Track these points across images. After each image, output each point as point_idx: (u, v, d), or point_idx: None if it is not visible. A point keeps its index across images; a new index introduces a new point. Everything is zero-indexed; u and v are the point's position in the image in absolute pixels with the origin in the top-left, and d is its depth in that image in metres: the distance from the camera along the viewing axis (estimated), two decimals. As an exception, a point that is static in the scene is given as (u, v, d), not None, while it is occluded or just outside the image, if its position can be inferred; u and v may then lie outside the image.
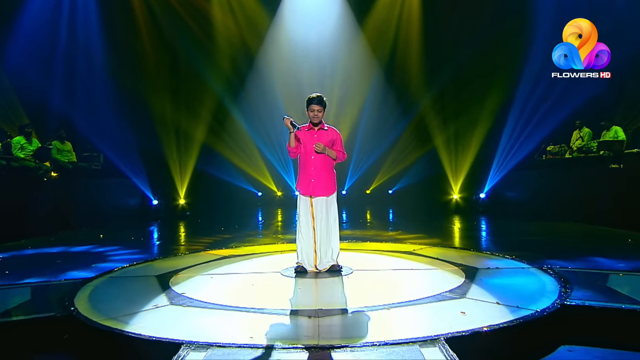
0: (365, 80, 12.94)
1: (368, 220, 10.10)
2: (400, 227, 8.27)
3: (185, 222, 9.84)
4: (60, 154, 8.95)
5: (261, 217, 11.40)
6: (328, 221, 4.15)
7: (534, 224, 7.99)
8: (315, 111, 3.95)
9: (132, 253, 5.60)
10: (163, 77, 11.51)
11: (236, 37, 12.33)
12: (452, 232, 7.66)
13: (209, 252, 5.42)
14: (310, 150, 4.06)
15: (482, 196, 10.76)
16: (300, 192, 4.15)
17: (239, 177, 13.45)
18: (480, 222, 9.02)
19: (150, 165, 10.56)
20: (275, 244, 5.95)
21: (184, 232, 8.31)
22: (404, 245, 5.71)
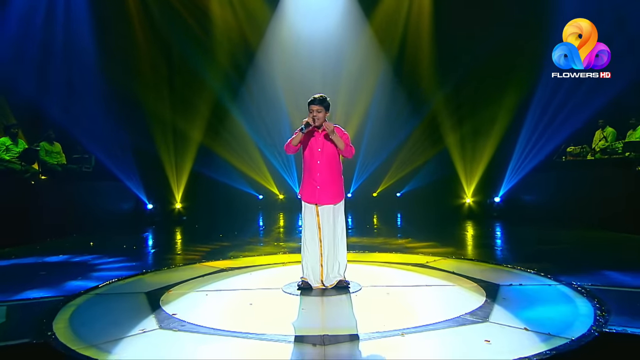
0: (373, 76, 12.82)
1: (375, 225, 10.00)
2: (410, 233, 8.13)
3: (181, 228, 9.74)
4: (49, 155, 8.80)
5: (262, 221, 11.29)
6: (335, 232, 3.98)
7: (554, 230, 7.81)
8: (315, 112, 3.80)
9: (122, 263, 5.49)
10: (158, 74, 11.35)
11: (235, 31, 12.20)
12: (465, 239, 7.54)
13: (204, 264, 5.26)
14: (315, 155, 3.91)
15: (497, 200, 10.56)
16: (305, 199, 3.98)
17: (238, 179, 13.39)
18: (495, 228, 8.88)
19: (144, 167, 10.42)
20: (277, 254, 5.83)
21: (179, 239, 8.22)
22: (416, 256, 5.54)
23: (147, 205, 10.37)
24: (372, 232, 8.36)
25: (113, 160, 9.60)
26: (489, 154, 10.91)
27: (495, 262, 5.13)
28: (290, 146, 3.85)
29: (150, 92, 10.98)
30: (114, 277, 4.63)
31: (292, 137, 3.86)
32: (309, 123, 3.73)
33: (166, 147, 11.32)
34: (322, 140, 3.91)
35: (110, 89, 9.87)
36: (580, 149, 9.16)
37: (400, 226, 10.01)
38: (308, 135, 3.94)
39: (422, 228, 9.17)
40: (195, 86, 11.89)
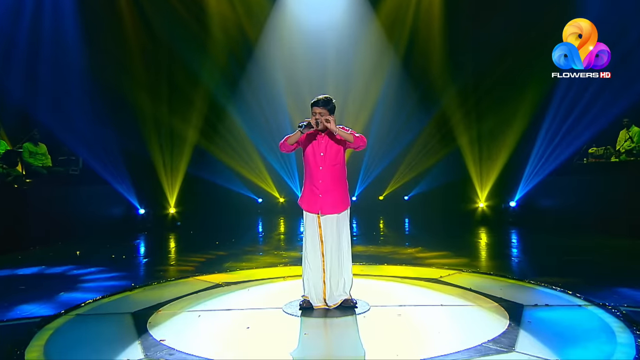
0: (380, 72, 12.66)
1: (382, 231, 9.91)
2: (420, 241, 8.00)
3: (175, 235, 9.68)
4: (33, 157, 8.67)
5: (261, 227, 11.18)
6: (340, 244, 3.82)
7: (576, 239, 7.64)
8: (318, 114, 3.65)
9: (110, 276, 5.38)
10: (150, 71, 11.21)
11: (233, 24, 12.07)
12: (480, 249, 7.43)
13: (198, 278, 5.11)
14: (317, 159, 3.75)
15: (513, 205, 10.35)
16: (306, 208, 3.82)
17: (236, 182, 13.29)
18: (511, 235, 8.76)
19: (135, 170, 10.29)
20: (277, 267, 5.69)
21: (173, 248, 8.13)
22: (428, 269, 5.37)
23: (139, 211, 10.27)
24: (379, 240, 8.26)
25: (102, 163, 9.48)
26: (505, 155, 10.75)
27: (515, 276, 4.96)
28: (286, 144, 3.72)
29: (141, 89, 10.83)
30: (99, 294, 4.47)
31: (289, 134, 3.72)
32: (311, 124, 3.59)
33: (159, 148, 11.23)
34: (326, 144, 3.75)
35: (99, 86, 9.75)
36: (604, 150, 8.99)
37: (408, 233, 9.90)
38: (309, 137, 3.78)
39: (433, 235, 9.05)
40: (190, 83, 11.75)
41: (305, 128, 3.60)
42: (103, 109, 9.90)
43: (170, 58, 11.62)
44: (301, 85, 12.22)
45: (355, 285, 3.94)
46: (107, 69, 10.00)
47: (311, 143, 3.79)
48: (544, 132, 9.71)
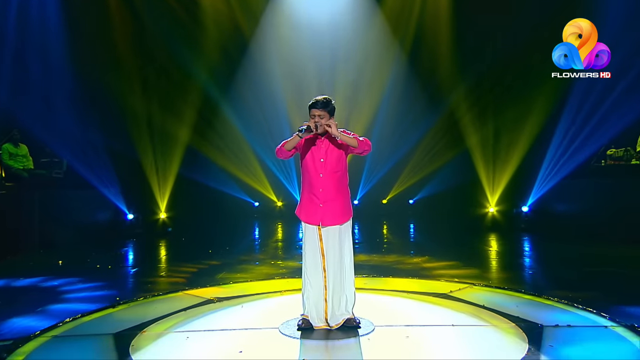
0: (384, 68, 12.55)
1: (385, 238, 9.91)
2: (426, 249, 7.96)
3: (166, 241, 9.64)
4: (14, 159, 8.54)
5: (258, 233, 11.15)
6: (342, 258, 3.72)
7: (594, 247, 7.54)
8: (317, 117, 3.55)
9: (93, 289, 5.28)
10: (138, 66, 11.12)
11: (226, 17, 11.94)
12: (491, 258, 7.39)
13: (188, 293, 4.99)
14: (317, 166, 3.64)
15: (525, 210, 10.35)
16: (305, 220, 3.72)
17: (231, 184, 13.25)
18: (524, 243, 8.74)
19: (123, 173, 10.21)
20: (274, 279, 5.59)
21: (163, 256, 8.08)
22: (437, 282, 5.28)
23: (127, 216, 10.23)
24: (383, 248, 8.23)
25: (87, 165, 9.40)
26: (517, 156, 10.64)
27: (531, 290, 4.87)
28: (283, 150, 3.61)
29: (129, 86, 10.76)
30: (79, 311, 4.33)
31: (287, 139, 3.61)
32: (310, 127, 3.49)
33: (149, 149, 11.14)
34: (326, 149, 3.65)
35: (83, 82, 9.63)
36: (624, 152, 8.92)
37: (414, 239, 9.86)
38: (308, 142, 3.67)
39: (440, 242, 9.00)
40: (182, 80, 11.71)
41: (304, 132, 3.49)
42: (89, 108, 9.82)
43: (161, 53, 11.52)
44: (300, 83, 12.16)
45: (358, 301, 3.83)
46: (92, 64, 9.89)
47: (310, 148, 3.67)
48: (559, 132, 9.63)
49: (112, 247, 8.46)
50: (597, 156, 9.30)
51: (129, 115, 10.74)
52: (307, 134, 3.53)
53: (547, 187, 9.90)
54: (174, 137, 11.65)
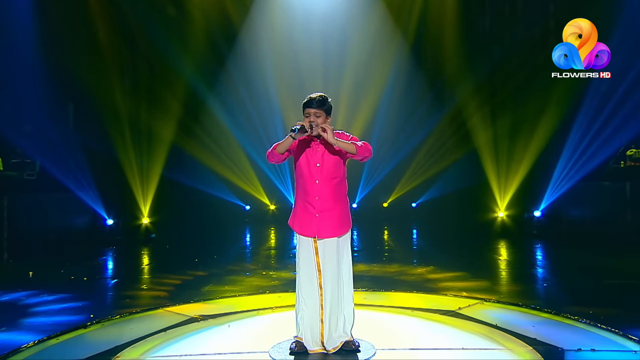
0: (385, 61, 12.55)
1: (387, 244, 9.97)
2: (431, 258, 7.95)
3: (148, 249, 9.59)
4: (-19, 160, 8.51)
5: (249, 239, 11.19)
6: (340, 274, 3.63)
7: (614, 257, 7.47)
8: (312, 116, 3.46)
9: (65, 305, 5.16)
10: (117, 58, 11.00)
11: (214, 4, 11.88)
12: (501, 268, 7.41)
13: (170, 310, 4.88)
14: (313, 172, 3.55)
15: (538, 214, 10.37)
16: (299, 231, 3.62)
17: (220, 186, 13.24)
18: (536, 251, 8.77)
19: (102, 174, 10.16)
20: (265, 293, 5.54)
21: (145, 266, 8.05)
22: (443, 297, 5.24)
23: (106, 221, 10.21)
24: (384, 256, 8.23)
25: (62, 166, 9.33)
26: (530, 157, 10.60)
27: (546, 305, 4.81)
28: (274, 153, 3.51)
29: (108, 80, 10.65)
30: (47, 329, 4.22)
31: (278, 142, 3.51)
32: (304, 128, 3.40)
33: (129, 149, 11.06)
34: (322, 152, 3.56)
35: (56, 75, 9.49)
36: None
37: (417, 247, 9.90)
38: (302, 145, 3.57)
39: (445, 250, 8.99)
40: (165, 73, 11.65)
41: (297, 133, 3.38)
42: (63, 104, 9.78)
43: (142, 43, 11.45)
44: (294, 76, 12.17)
45: (358, 319, 3.74)
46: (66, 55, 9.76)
47: (305, 152, 3.57)
48: (575, 131, 9.60)
49: (89, 256, 8.39)
50: (616, 157, 9.34)
51: (108, 111, 10.65)
52: (301, 135, 3.42)
53: (561, 190, 9.90)
54: (157, 135, 11.60)
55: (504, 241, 9.70)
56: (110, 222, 10.20)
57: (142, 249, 9.54)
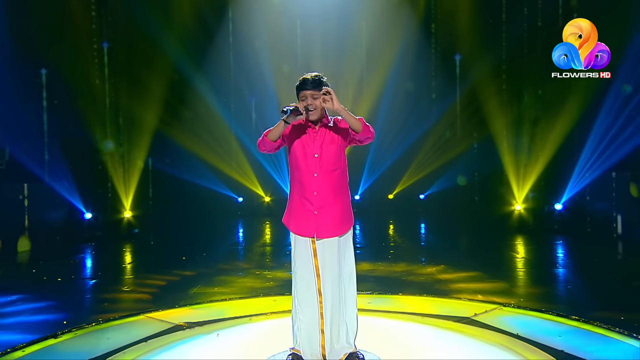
0: (391, 37, 12.58)
1: (392, 240, 9.99)
2: (441, 255, 7.99)
3: (131, 246, 9.63)
4: (-55, 149, 8.52)
5: (241, 235, 11.23)
6: (341, 278, 3.56)
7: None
8: (308, 98, 3.36)
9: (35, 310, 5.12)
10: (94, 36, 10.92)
11: None
12: (519, 267, 7.35)
13: (152, 316, 4.83)
14: (310, 163, 3.45)
15: (559, 208, 10.38)
16: (295, 230, 3.56)
17: (209, 177, 13.22)
18: (557, 248, 8.74)
19: (79, 164, 10.17)
20: (259, 297, 5.52)
21: (127, 265, 8.02)
22: (457, 302, 5.21)
23: (84, 215, 10.18)
24: (389, 253, 8.27)
25: (34, 154, 9.38)
26: (551, 144, 10.59)
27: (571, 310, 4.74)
28: (266, 141, 3.41)
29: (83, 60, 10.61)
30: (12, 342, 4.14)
31: (270, 127, 3.42)
32: (298, 110, 3.29)
33: (109, 136, 11.09)
34: (321, 140, 3.46)
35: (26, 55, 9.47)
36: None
37: (426, 243, 9.93)
38: (298, 132, 3.46)
39: (457, 247, 9.03)
40: (148, 51, 11.62)
41: (290, 116, 3.25)
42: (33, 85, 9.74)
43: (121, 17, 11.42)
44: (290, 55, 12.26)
45: (362, 326, 3.68)
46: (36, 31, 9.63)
47: (301, 140, 3.45)
48: (602, 117, 9.57)
49: (64, 254, 8.36)
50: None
51: (85, 94, 10.62)
52: (294, 118, 3.32)
53: (585, 181, 9.88)
54: (139, 120, 11.60)
55: (521, 237, 9.70)
56: (89, 216, 10.18)
57: (124, 245, 9.56)
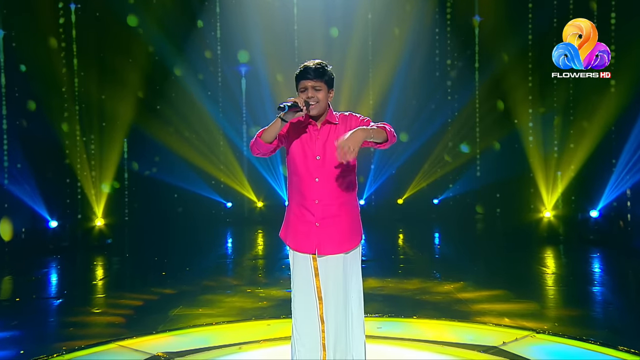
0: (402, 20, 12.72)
1: (402, 252, 10.07)
2: (460, 270, 7.99)
3: (103, 259, 9.64)
4: None
5: (230, 246, 11.26)
6: (347, 302, 3.47)
7: None
8: (310, 90, 3.27)
9: None
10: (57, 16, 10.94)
11: None
12: (550, 284, 7.32)
13: (124, 345, 4.78)
14: (310, 167, 3.38)
15: (595, 215, 10.38)
16: (294, 246, 3.48)
17: (194, 179, 13.27)
18: (593, 262, 8.76)
19: (43, 165, 10.22)
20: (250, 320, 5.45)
21: (98, 281, 7.97)
22: (481, 327, 5.16)
23: (49, 223, 10.22)
24: (400, 268, 8.28)
25: None
26: (587, 143, 10.65)
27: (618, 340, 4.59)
28: (260, 143, 3.32)
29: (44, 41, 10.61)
30: None
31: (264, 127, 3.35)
32: (297, 105, 3.20)
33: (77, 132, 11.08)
34: (324, 140, 3.37)
35: None
36: None
37: (440, 255, 10.03)
38: (297, 130, 3.39)
39: (478, 260, 9.06)
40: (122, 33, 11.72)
41: (288, 113, 3.15)
42: None
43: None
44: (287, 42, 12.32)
45: (370, 356, 3.58)
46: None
47: (300, 140, 3.37)
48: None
49: (26, 268, 8.40)
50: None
51: (47, 83, 10.61)
52: (293, 115, 3.23)
53: (625, 185, 9.93)
54: (112, 115, 11.67)
55: (551, 249, 9.74)
56: (54, 225, 10.19)
57: (94, 258, 9.54)
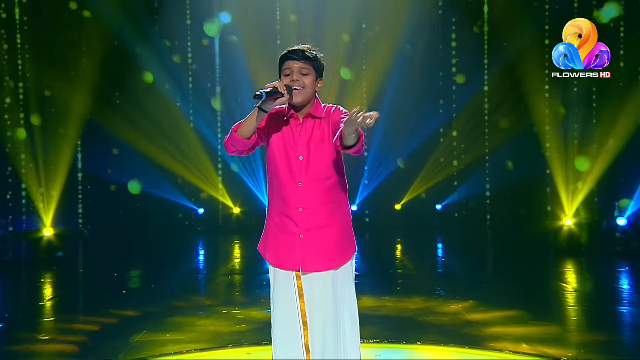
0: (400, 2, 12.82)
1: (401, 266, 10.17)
2: (468, 286, 8.08)
3: (52, 275, 9.71)
4: None
5: (202, 259, 11.33)
6: (337, 328, 3.40)
7: None
8: (295, 73, 3.23)
9: None
10: None
11: None
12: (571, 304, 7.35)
13: None
14: (293, 169, 3.32)
15: (622, 223, 10.50)
16: (274, 262, 3.42)
17: (160, 182, 13.44)
18: (621, 277, 8.91)
19: None
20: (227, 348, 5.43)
21: (45, 302, 7.98)
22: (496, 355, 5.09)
23: None
24: (398, 284, 8.39)
25: None
26: (614, 143, 10.81)
27: None
28: (235, 139, 3.27)
29: None
30: None
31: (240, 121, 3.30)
32: (277, 91, 3.14)
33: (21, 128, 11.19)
34: (308, 138, 3.32)
35: None
36: None
37: (444, 269, 10.15)
38: (277, 125, 3.34)
39: (488, 275, 9.29)
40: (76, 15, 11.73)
41: (267, 101, 3.09)
42: None
43: None
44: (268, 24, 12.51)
45: None
46: None
47: (281, 136, 3.33)
48: None
49: None
50: None
51: None
52: (274, 104, 3.18)
53: None
54: (63, 108, 11.73)
55: (572, 262, 9.86)
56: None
57: (42, 274, 9.58)
